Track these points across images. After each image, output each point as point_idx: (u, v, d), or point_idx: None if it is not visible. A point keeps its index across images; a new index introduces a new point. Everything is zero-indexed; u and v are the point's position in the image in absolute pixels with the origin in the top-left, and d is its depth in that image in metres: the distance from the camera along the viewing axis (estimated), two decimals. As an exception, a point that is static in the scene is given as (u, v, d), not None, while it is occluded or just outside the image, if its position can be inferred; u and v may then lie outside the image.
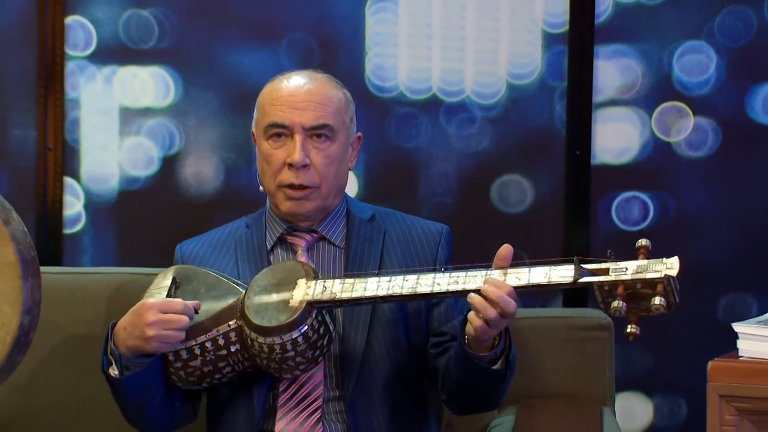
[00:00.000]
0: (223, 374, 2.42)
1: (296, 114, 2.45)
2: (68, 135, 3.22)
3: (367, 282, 2.32)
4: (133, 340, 2.37)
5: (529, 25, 3.19)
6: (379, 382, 2.45)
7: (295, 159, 2.43)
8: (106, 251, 3.23)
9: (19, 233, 2.30)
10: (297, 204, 2.47)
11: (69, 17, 3.20)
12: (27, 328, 2.30)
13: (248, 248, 2.54)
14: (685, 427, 3.20)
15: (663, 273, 2.17)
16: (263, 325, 2.32)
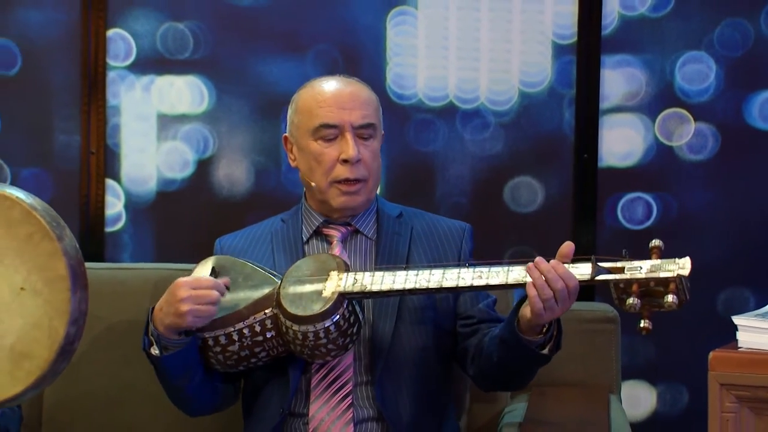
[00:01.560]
0: (258, 358, 2.43)
1: (345, 113, 2.47)
2: (109, 140, 3.22)
3: (395, 276, 2.32)
4: (170, 318, 2.38)
5: (540, 37, 3.18)
6: (406, 367, 2.45)
7: (351, 155, 2.45)
8: (145, 248, 3.23)
9: (71, 249, 2.29)
10: (350, 198, 2.48)
11: (110, 30, 3.20)
12: (72, 338, 2.30)
13: (284, 241, 2.55)
14: (687, 414, 3.19)
15: (676, 272, 2.17)
16: (298, 314, 2.32)
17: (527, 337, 2.30)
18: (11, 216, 2.28)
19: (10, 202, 2.29)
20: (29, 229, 2.27)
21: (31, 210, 2.28)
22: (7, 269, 2.29)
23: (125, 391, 2.81)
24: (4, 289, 2.29)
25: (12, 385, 2.30)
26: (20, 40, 3.20)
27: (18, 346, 2.29)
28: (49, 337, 2.28)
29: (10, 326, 2.29)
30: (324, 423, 2.41)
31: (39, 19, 3.20)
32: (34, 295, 2.28)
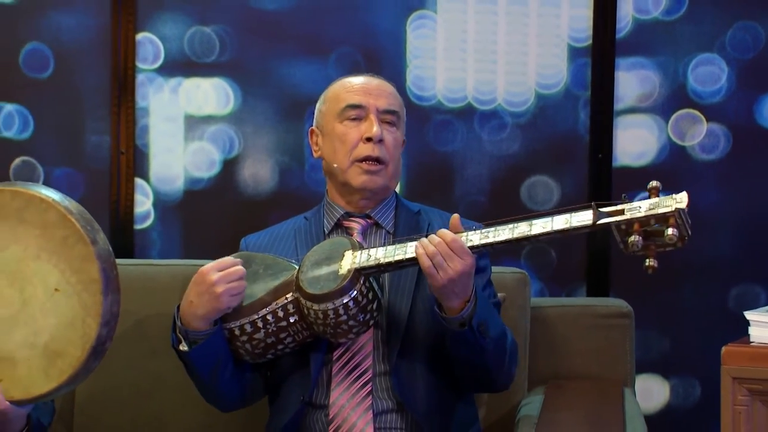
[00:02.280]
0: (285, 344, 2.43)
1: (371, 97, 2.52)
2: (139, 140, 3.23)
3: (406, 246, 2.33)
4: (205, 306, 2.38)
5: (556, 40, 3.18)
6: (421, 353, 2.44)
7: (375, 132, 2.48)
8: (173, 245, 3.24)
9: (104, 252, 2.30)
10: (370, 179, 2.50)
11: (140, 34, 3.21)
12: (104, 339, 2.31)
13: (306, 235, 2.57)
14: (699, 407, 3.18)
15: (674, 207, 2.15)
16: (317, 293, 2.33)
17: (443, 314, 2.32)
18: (47, 218, 2.29)
19: (46, 204, 2.30)
20: (64, 232, 2.28)
21: (67, 214, 2.29)
22: (43, 270, 2.30)
23: (154, 383, 2.82)
24: (39, 289, 2.31)
25: (46, 382, 2.31)
26: (53, 44, 3.21)
27: (52, 345, 2.30)
28: (81, 337, 2.29)
29: (44, 325, 2.30)
30: (344, 410, 2.42)
31: (71, 24, 3.21)
32: (68, 296, 2.29)
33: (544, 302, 2.91)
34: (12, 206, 2.30)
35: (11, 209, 2.30)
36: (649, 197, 2.20)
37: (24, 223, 2.30)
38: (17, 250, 2.31)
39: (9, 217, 2.30)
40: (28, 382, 2.32)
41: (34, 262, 2.30)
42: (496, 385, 2.47)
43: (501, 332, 2.40)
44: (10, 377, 2.32)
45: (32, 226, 2.29)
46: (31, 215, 2.29)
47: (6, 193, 2.32)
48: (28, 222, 2.29)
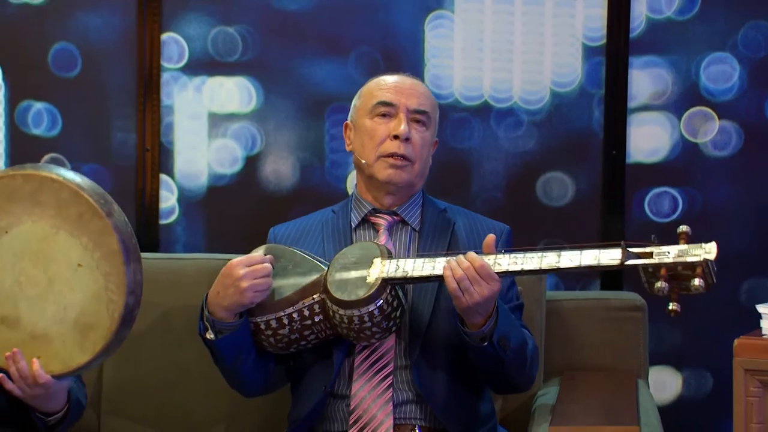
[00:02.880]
0: (308, 341, 2.44)
1: (403, 96, 2.52)
2: (164, 137, 3.23)
3: (435, 262, 2.32)
4: (230, 298, 2.39)
5: (570, 39, 3.17)
6: (442, 350, 2.45)
7: (401, 130, 2.48)
8: (197, 239, 3.24)
9: (121, 224, 2.32)
10: (395, 172, 2.50)
11: (164, 34, 3.21)
12: (132, 307, 2.32)
13: (333, 229, 2.56)
14: (711, 398, 3.17)
15: (702, 257, 2.15)
16: (344, 299, 2.33)
17: (465, 329, 2.32)
18: (61, 197, 2.30)
19: (58, 184, 2.31)
20: (79, 209, 2.30)
21: (79, 190, 2.30)
22: (64, 247, 2.32)
23: (179, 374, 2.83)
24: (63, 266, 2.32)
25: (81, 354, 2.33)
26: (80, 44, 3.22)
27: (82, 319, 2.32)
28: (109, 308, 2.30)
29: (72, 300, 2.32)
30: (365, 401, 2.42)
31: (98, 24, 3.21)
32: (91, 270, 2.31)
33: (560, 296, 2.91)
34: (25, 189, 2.32)
35: (25, 192, 2.31)
36: (678, 242, 2.19)
37: (40, 204, 2.31)
38: (36, 231, 2.32)
39: (24, 199, 2.32)
40: (65, 356, 2.34)
41: (54, 240, 2.31)
42: (516, 389, 2.49)
43: (521, 342, 2.39)
44: (47, 353, 2.33)
45: (48, 206, 2.31)
46: (45, 196, 2.31)
47: (18, 177, 2.33)
48: (43, 203, 2.31)
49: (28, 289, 2.33)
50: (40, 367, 2.32)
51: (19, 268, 2.33)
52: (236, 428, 2.83)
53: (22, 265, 2.33)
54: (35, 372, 2.32)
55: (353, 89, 3.19)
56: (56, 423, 2.45)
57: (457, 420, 2.42)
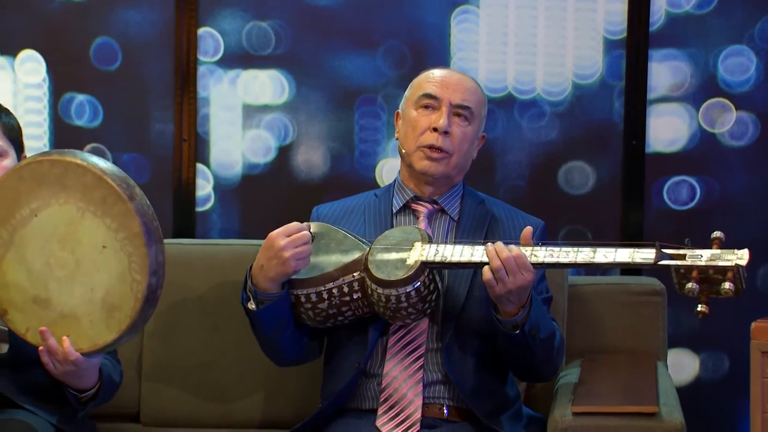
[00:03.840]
0: (345, 317, 2.44)
1: (447, 91, 2.50)
2: (200, 128, 3.24)
3: (474, 249, 2.32)
4: (274, 270, 2.39)
5: (592, 33, 3.16)
6: (472, 335, 2.45)
7: (441, 124, 2.47)
8: (232, 226, 3.25)
9: (143, 207, 2.31)
10: (431, 164, 2.49)
11: (201, 29, 3.21)
12: (154, 287, 2.32)
13: (375, 213, 2.56)
14: (727, 380, 3.17)
15: (734, 262, 2.15)
16: (383, 279, 2.33)
17: (498, 316, 2.31)
18: (85, 181, 2.31)
19: (82, 169, 2.31)
20: (102, 193, 2.30)
21: (102, 175, 2.30)
22: (89, 229, 2.32)
23: (215, 354, 2.84)
24: (89, 248, 2.32)
25: (108, 332, 2.34)
26: (121, 39, 3.22)
27: (108, 299, 2.32)
28: (133, 289, 2.31)
29: (98, 281, 2.32)
30: (396, 380, 2.42)
31: (137, 19, 3.22)
32: (115, 251, 2.31)
33: (581, 281, 2.90)
34: (53, 174, 2.32)
35: (52, 177, 2.32)
36: (711, 246, 2.18)
37: (66, 188, 2.31)
38: (64, 214, 2.32)
39: (51, 184, 2.32)
40: (92, 334, 2.35)
41: (81, 223, 2.32)
42: (540, 377, 2.50)
43: (550, 333, 2.39)
44: (76, 332, 2.34)
45: (73, 190, 2.31)
46: (71, 180, 2.31)
47: (45, 162, 2.34)
48: (69, 187, 2.31)
49: (57, 270, 2.34)
50: (70, 345, 2.33)
51: (48, 250, 2.34)
52: (270, 406, 2.84)
53: (51, 247, 2.34)
54: (66, 350, 2.33)
55: (382, 82, 3.20)
56: (88, 400, 2.46)
57: (483, 403, 2.42)
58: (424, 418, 2.40)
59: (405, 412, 2.40)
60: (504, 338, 2.34)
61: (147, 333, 2.81)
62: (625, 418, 2.28)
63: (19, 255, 2.35)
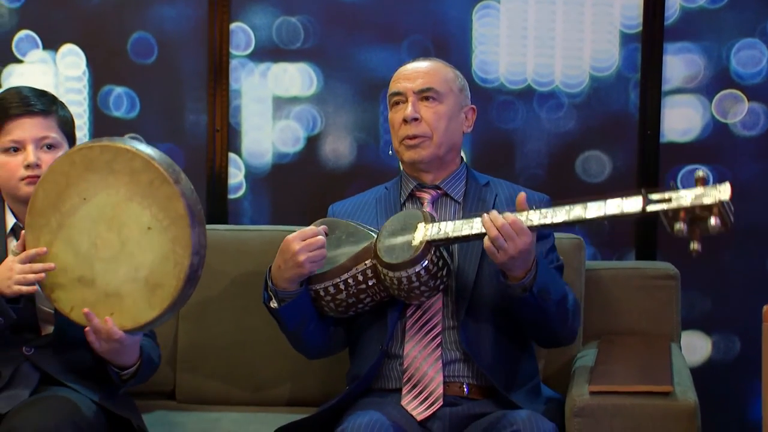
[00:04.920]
0: (364, 304, 2.45)
1: (407, 82, 2.52)
2: (232, 119, 3.24)
3: (473, 222, 2.32)
4: (290, 271, 2.41)
5: (609, 27, 3.14)
6: (486, 311, 2.45)
7: (407, 113, 2.49)
8: (262, 213, 3.25)
9: (188, 190, 2.33)
10: (414, 152, 2.50)
11: (233, 23, 3.21)
12: (196, 267, 2.33)
13: (386, 204, 2.57)
14: (738, 361, 3.15)
15: (717, 198, 2.11)
16: (392, 262, 2.34)
17: (507, 282, 2.32)
18: (134, 166, 2.32)
19: (131, 154, 2.32)
20: (150, 176, 2.31)
21: (150, 159, 2.32)
22: (135, 212, 2.33)
23: (247, 335, 2.85)
24: (134, 229, 2.34)
25: (150, 310, 2.35)
26: (156, 33, 3.23)
27: (151, 278, 2.33)
28: (175, 268, 2.32)
29: (142, 261, 2.34)
30: (416, 360, 2.42)
31: (172, 15, 3.22)
32: (160, 232, 2.32)
33: (598, 265, 2.89)
34: (102, 159, 2.33)
35: (101, 162, 2.33)
36: (696, 186, 2.16)
37: (114, 172, 2.33)
38: (111, 198, 2.34)
39: (100, 169, 2.33)
40: (135, 313, 2.36)
41: (127, 205, 2.33)
42: (560, 340, 2.48)
43: (562, 294, 2.38)
44: (120, 310, 2.36)
45: (122, 174, 2.32)
46: (119, 165, 2.32)
47: (95, 148, 2.35)
48: (117, 171, 2.32)
49: (102, 251, 2.35)
50: (114, 324, 2.34)
51: (95, 232, 2.35)
52: (299, 385, 2.84)
53: (98, 229, 2.35)
54: (110, 328, 2.34)
55: (406, 74, 3.17)
56: (129, 377, 2.47)
57: (502, 377, 2.42)
58: (446, 396, 2.40)
59: (427, 390, 2.40)
60: (517, 303, 2.34)
61: (182, 315, 2.83)
62: (640, 397, 2.28)
63: (67, 237, 2.37)
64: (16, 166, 2.49)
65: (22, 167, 2.48)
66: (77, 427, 2.34)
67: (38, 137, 2.50)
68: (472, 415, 2.38)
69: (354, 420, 2.27)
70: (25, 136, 2.49)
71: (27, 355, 2.48)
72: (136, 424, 2.49)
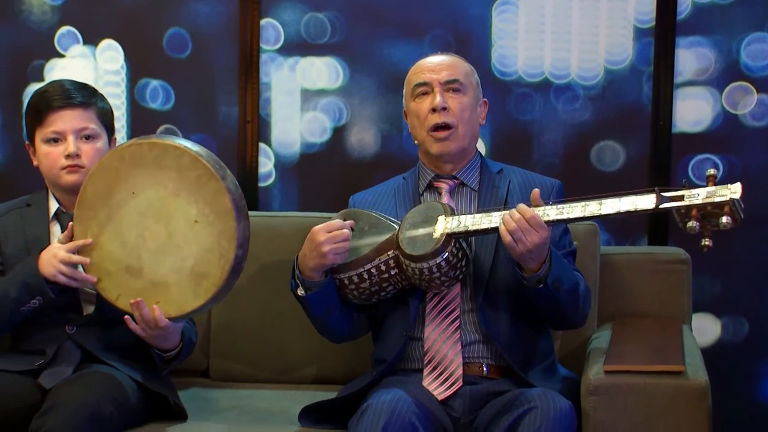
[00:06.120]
0: (387, 291, 2.45)
1: (434, 73, 2.51)
2: (262, 110, 3.24)
3: (492, 216, 2.32)
4: (314, 261, 2.41)
5: (623, 22, 3.12)
6: (503, 294, 2.44)
7: (437, 103, 2.47)
8: (291, 200, 3.25)
9: (233, 186, 2.34)
10: (443, 145, 2.49)
11: (263, 20, 3.21)
12: (240, 259, 2.34)
13: (404, 194, 2.56)
14: (747, 342, 3.13)
15: (728, 196, 2.11)
16: (414, 254, 2.33)
17: (523, 274, 2.31)
18: (182, 162, 2.33)
19: (180, 151, 2.34)
20: (197, 172, 2.32)
21: (198, 156, 2.33)
22: (182, 206, 2.34)
23: (276, 316, 2.86)
24: (181, 221, 2.35)
25: (195, 299, 2.36)
26: (191, 29, 3.23)
27: (197, 268, 2.34)
28: (220, 259, 2.33)
29: (189, 252, 2.35)
30: (437, 343, 2.42)
31: (206, 11, 3.22)
32: (207, 225, 2.33)
33: (612, 250, 2.88)
34: (150, 156, 2.34)
35: (150, 158, 2.34)
36: (707, 184, 2.14)
37: (162, 168, 2.34)
38: (159, 192, 2.35)
39: (148, 164, 2.35)
40: (180, 301, 2.37)
41: (175, 199, 2.34)
42: (571, 324, 2.48)
43: (574, 283, 2.38)
44: (166, 298, 2.37)
45: (170, 170, 2.33)
46: (167, 161, 2.33)
47: (144, 145, 2.36)
48: (165, 167, 2.33)
49: (150, 242, 2.36)
50: (161, 312, 2.35)
51: (143, 224, 2.36)
52: (325, 365, 2.85)
53: (146, 222, 2.36)
54: (156, 317, 2.35)
55: (429, 68, 3.16)
56: (171, 359, 2.48)
57: (519, 356, 2.42)
58: (466, 375, 2.40)
59: (447, 371, 2.40)
60: (532, 294, 2.34)
61: (215, 297, 2.83)
62: (653, 376, 2.27)
63: (116, 229, 2.38)
64: (57, 155, 2.50)
65: (63, 157, 2.49)
66: (117, 403, 2.36)
67: (78, 128, 2.51)
68: (491, 393, 2.38)
69: (378, 397, 2.27)
70: (65, 127, 2.51)
71: (70, 334, 2.50)
72: (173, 401, 2.50)
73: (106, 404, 2.33)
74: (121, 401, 2.38)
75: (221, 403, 2.69)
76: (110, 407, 2.33)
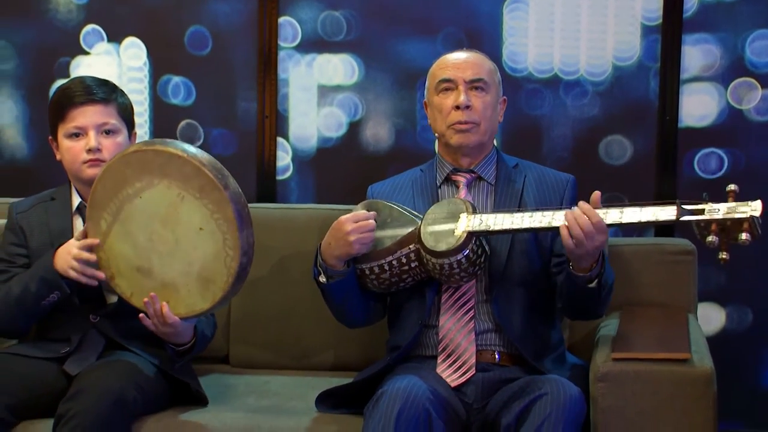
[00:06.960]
0: (405, 283, 2.45)
1: (459, 71, 2.49)
2: (280, 106, 3.24)
3: (513, 217, 2.30)
4: (340, 249, 2.40)
5: (630, 20, 3.10)
6: (517, 286, 2.44)
7: (461, 101, 2.45)
8: (308, 192, 3.25)
9: (236, 195, 2.31)
10: (464, 136, 2.47)
11: (281, 17, 3.20)
12: (245, 265, 2.34)
13: (422, 186, 2.55)
14: (751, 331, 3.11)
15: (749, 213, 2.10)
16: (436, 250, 2.33)
17: (575, 273, 2.28)
18: (185, 171, 2.31)
19: (182, 160, 2.31)
20: (200, 182, 2.30)
21: (201, 166, 2.30)
22: (187, 213, 2.33)
23: (294, 306, 2.86)
24: (187, 228, 2.34)
25: (203, 302, 2.36)
26: (211, 27, 3.23)
27: (203, 273, 2.34)
28: (225, 266, 2.32)
29: (195, 258, 2.34)
30: (451, 331, 2.42)
31: (225, 9, 3.22)
32: (211, 234, 2.32)
33: (620, 241, 2.87)
34: (156, 162, 2.33)
35: (155, 165, 2.33)
36: (727, 199, 2.13)
37: (167, 176, 2.32)
38: (164, 197, 2.34)
39: (154, 170, 2.33)
40: (189, 302, 2.37)
41: (180, 206, 2.33)
42: (594, 316, 2.47)
43: (612, 280, 2.37)
44: (175, 299, 2.37)
45: (174, 178, 2.32)
46: (171, 169, 2.31)
47: (149, 152, 2.34)
48: (170, 175, 2.32)
49: (158, 245, 2.36)
50: (169, 310, 2.35)
51: (151, 228, 2.36)
52: (341, 352, 2.85)
53: (154, 225, 2.35)
54: (165, 313, 2.35)
55: (441, 64, 3.14)
56: (184, 352, 2.48)
57: (530, 346, 2.41)
58: (479, 363, 2.40)
59: (461, 360, 2.40)
60: (579, 291, 2.31)
61: (234, 286, 2.83)
62: (660, 364, 2.26)
63: (125, 229, 2.37)
64: (79, 150, 2.50)
65: (84, 151, 2.49)
66: (140, 388, 2.36)
67: (99, 123, 2.51)
68: (503, 379, 2.38)
69: (393, 383, 2.27)
70: (87, 123, 2.50)
71: (93, 323, 2.50)
72: (194, 388, 2.50)
73: (130, 390, 2.33)
74: (144, 387, 2.38)
75: (240, 388, 2.69)
76: (133, 392, 2.33)
